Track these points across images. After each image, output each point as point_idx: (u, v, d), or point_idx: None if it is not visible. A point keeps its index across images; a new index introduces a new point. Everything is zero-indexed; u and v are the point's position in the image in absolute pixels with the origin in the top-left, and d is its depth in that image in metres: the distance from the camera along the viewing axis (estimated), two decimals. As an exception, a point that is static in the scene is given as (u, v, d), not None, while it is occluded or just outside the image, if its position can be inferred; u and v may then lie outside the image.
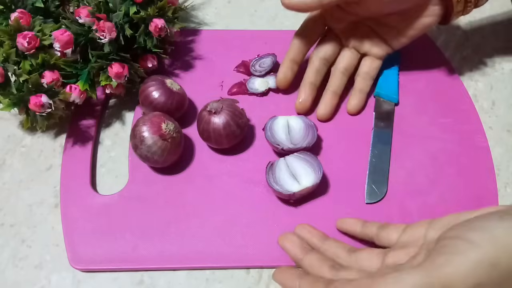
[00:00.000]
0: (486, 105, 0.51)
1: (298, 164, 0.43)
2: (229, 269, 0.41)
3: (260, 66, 0.51)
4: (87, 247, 0.41)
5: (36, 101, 0.42)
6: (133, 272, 0.41)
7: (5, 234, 0.43)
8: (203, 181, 0.45)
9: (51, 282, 0.41)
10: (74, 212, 0.43)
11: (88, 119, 0.48)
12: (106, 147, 0.48)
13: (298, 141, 0.45)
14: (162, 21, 0.46)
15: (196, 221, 0.43)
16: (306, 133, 0.45)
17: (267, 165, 0.43)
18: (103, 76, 0.45)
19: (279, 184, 0.42)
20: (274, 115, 0.46)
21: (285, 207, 0.44)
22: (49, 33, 0.44)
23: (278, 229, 0.42)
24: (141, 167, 0.46)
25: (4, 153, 0.47)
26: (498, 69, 0.54)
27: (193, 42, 0.54)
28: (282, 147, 0.44)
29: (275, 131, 0.45)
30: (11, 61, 0.43)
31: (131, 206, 0.44)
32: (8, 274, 0.41)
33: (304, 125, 0.45)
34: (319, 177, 0.42)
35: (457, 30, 0.56)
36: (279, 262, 0.41)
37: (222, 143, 0.45)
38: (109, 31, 0.44)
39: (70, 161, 0.46)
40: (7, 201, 0.45)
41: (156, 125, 0.42)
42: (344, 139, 0.48)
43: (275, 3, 0.58)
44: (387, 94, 0.49)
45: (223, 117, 0.43)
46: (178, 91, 0.46)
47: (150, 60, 0.49)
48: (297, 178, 0.42)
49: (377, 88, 0.50)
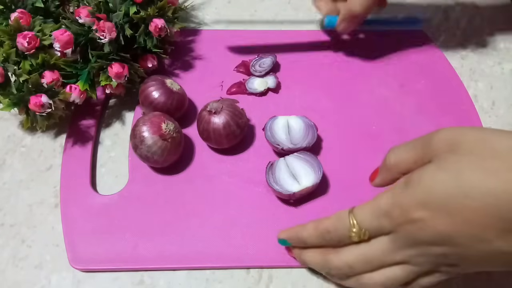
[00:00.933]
0: (486, 105, 0.51)
1: (298, 164, 0.43)
2: (229, 269, 0.41)
3: (260, 66, 0.51)
4: (87, 247, 0.41)
5: (36, 101, 0.42)
6: (133, 272, 0.41)
7: (5, 234, 0.43)
8: (203, 181, 0.45)
9: (51, 282, 0.41)
10: (74, 212, 0.43)
11: (88, 119, 0.48)
12: (106, 147, 0.48)
13: (298, 141, 0.45)
14: (162, 21, 0.46)
15: (196, 221, 0.43)
16: (306, 133, 0.45)
17: (267, 165, 0.43)
18: (103, 76, 0.45)
19: (279, 184, 0.42)
20: (274, 115, 0.46)
21: (285, 207, 0.44)
22: (49, 33, 0.44)
23: (278, 229, 0.42)
24: (141, 167, 0.46)
25: (4, 153, 0.47)
26: (498, 69, 0.54)
27: (193, 42, 0.54)
28: (282, 147, 0.44)
29: (275, 131, 0.45)
30: (11, 61, 0.43)
31: (131, 206, 0.44)
32: (8, 274, 0.41)
33: (304, 125, 0.45)
34: (319, 177, 0.42)
35: (457, 30, 0.56)
36: (279, 262, 0.41)
37: (222, 143, 0.45)
38: (109, 31, 0.44)
39: (70, 161, 0.46)
40: (7, 201, 0.45)
41: (156, 125, 0.42)
42: (344, 139, 0.48)
43: (275, 3, 0.58)
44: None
45: (223, 117, 0.43)
46: (178, 91, 0.46)
47: (150, 60, 0.49)
48: (297, 178, 0.42)
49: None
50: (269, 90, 0.51)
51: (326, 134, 0.48)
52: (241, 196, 0.44)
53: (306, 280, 0.41)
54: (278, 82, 0.51)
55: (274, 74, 0.51)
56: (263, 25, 0.56)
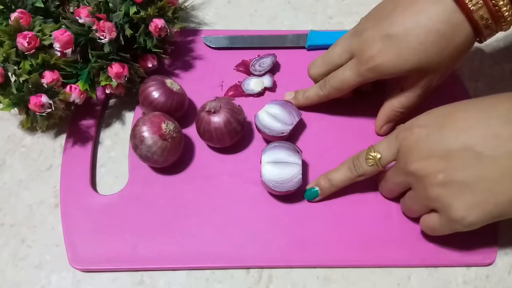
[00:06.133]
0: (486, 105, 0.51)
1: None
2: (229, 269, 0.41)
3: (260, 66, 0.51)
4: (87, 247, 0.41)
5: (36, 101, 0.42)
6: (133, 272, 0.41)
7: (5, 234, 0.43)
8: (203, 181, 0.45)
9: (51, 282, 0.41)
10: (74, 212, 0.43)
11: (88, 119, 0.48)
12: (106, 147, 0.48)
13: (289, 119, 0.46)
14: (162, 21, 0.46)
15: (196, 221, 0.43)
16: (288, 110, 0.46)
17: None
18: (103, 76, 0.45)
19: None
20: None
21: (284, 207, 0.44)
22: (49, 33, 0.44)
23: (278, 229, 0.42)
24: (141, 167, 0.46)
25: (4, 153, 0.47)
26: (498, 69, 0.54)
27: (193, 42, 0.54)
28: (285, 132, 0.45)
29: (269, 124, 0.45)
30: (11, 61, 0.43)
31: (131, 206, 0.44)
32: (8, 274, 0.41)
33: (280, 106, 0.46)
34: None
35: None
36: (279, 262, 0.41)
37: (224, 141, 0.45)
38: (109, 31, 0.44)
39: (70, 161, 0.46)
40: (7, 201, 0.45)
41: (156, 125, 0.42)
42: (342, 138, 0.48)
43: (275, 3, 0.58)
44: None
45: (223, 115, 0.44)
46: (178, 91, 0.46)
47: (150, 60, 0.49)
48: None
49: None
50: (266, 90, 0.51)
51: (325, 133, 0.48)
52: (241, 196, 0.44)
53: (306, 280, 0.41)
54: (274, 81, 0.51)
55: (269, 73, 0.51)
56: (263, 25, 0.56)
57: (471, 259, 0.42)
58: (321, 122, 0.49)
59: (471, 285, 0.41)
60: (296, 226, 0.43)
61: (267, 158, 0.43)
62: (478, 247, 0.42)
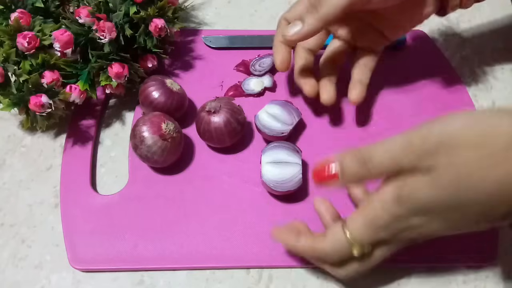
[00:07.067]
0: (486, 105, 0.51)
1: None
2: (229, 269, 0.41)
3: (260, 66, 0.51)
4: (87, 247, 0.41)
5: (36, 101, 0.42)
6: (133, 272, 0.41)
7: (5, 234, 0.43)
8: (203, 181, 0.45)
9: (51, 282, 0.41)
10: (74, 212, 0.43)
11: (88, 119, 0.48)
12: (106, 147, 0.48)
13: (289, 119, 0.46)
14: (162, 21, 0.46)
15: (196, 221, 0.43)
16: (287, 110, 0.46)
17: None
18: (103, 76, 0.45)
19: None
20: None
21: (284, 207, 0.44)
22: (49, 33, 0.44)
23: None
24: (141, 167, 0.46)
25: (4, 153, 0.47)
26: (498, 69, 0.54)
27: (193, 42, 0.54)
28: (285, 132, 0.45)
29: (269, 125, 0.45)
30: (11, 61, 0.43)
31: (131, 206, 0.44)
32: (8, 274, 0.41)
33: (280, 106, 0.46)
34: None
35: (457, 30, 0.56)
36: (279, 262, 0.41)
37: (224, 142, 0.45)
38: (109, 31, 0.44)
39: (70, 161, 0.46)
40: (7, 201, 0.45)
41: (156, 125, 0.42)
42: (342, 139, 0.48)
43: (275, 3, 0.58)
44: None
45: (223, 115, 0.44)
46: (178, 91, 0.46)
47: (150, 60, 0.49)
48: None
49: None
50: (266, 90, 0.51)
51: (324, 134, 0.48)
52: (241, 196, 0.44)
53: (306, 280, 0.41)
54: (274, 81, 0.51)
55: (269, 73, 0.51)
56: (263, 25, 0.56)
57: (471, 259, 0.42)
58: (321, 122, 0.49)
59: (471, 285, 0.41)
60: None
61: (267, 158, 0.43)
62: (478, 247, 0.42)
